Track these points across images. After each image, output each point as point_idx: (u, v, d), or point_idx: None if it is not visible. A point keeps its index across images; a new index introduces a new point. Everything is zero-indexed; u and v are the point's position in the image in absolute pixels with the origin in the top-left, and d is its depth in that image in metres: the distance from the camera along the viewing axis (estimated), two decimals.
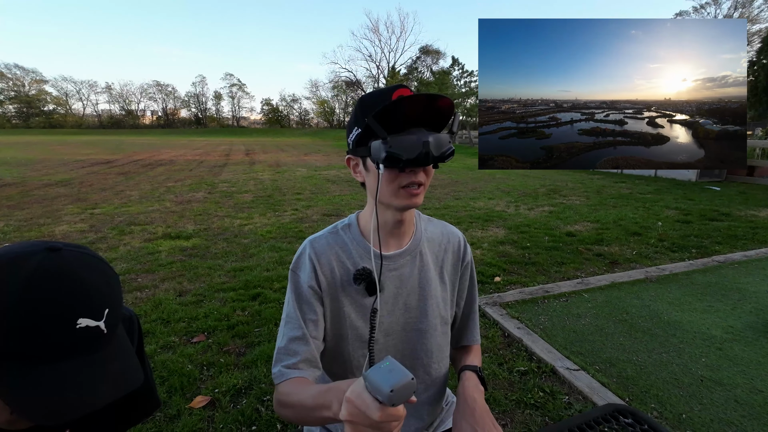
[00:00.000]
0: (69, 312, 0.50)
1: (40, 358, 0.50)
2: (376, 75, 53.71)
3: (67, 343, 0.51)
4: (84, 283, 0.52)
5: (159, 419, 1.80)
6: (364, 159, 0.79)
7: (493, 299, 2.99)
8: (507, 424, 1.79)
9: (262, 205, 6.62)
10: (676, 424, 1.75)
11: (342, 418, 0.50)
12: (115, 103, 66.65)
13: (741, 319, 2.66)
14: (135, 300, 3.04)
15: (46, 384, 0.50)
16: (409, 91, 0.73)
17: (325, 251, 0.84)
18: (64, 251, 0.54)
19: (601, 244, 4.41)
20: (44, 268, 0.51)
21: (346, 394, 0.50)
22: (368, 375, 0.47)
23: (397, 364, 0.48)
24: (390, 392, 0.44)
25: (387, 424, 0.48)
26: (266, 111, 67.30)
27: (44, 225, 5.20)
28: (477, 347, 1.01)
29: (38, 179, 9.32)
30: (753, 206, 6.33)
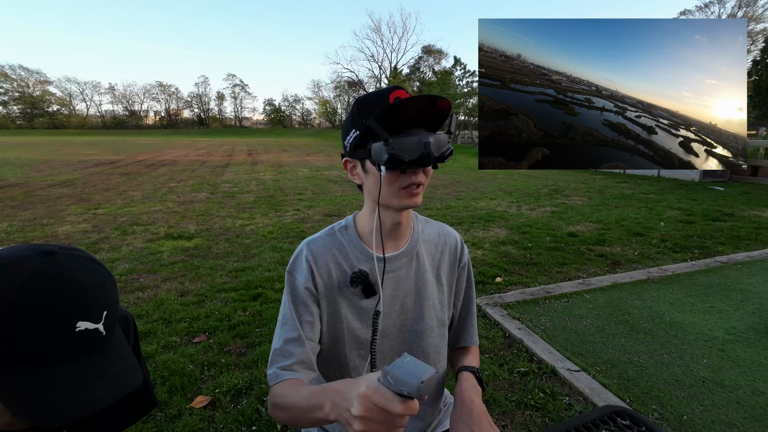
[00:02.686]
0: (68, 316, 0.50)
1: (40, 361, 0.50)
2: (379, 75, 53.73)
3: (66, 346, 0.51)
4: (81, 287, 0.52)
5: (160, 419, 1.81)
6: (362, 161, 0.79)
7: (494, 300, 2.98)
8: (507, 425, 1.79)
9: (263, 205, 6.63)
10: (677, 425, 1.74)
11: (355, 414, 0.50)
12: (119, 103, 67.13)
13: (743, 320, 2.64)
14: (137, 300, 3.05)
15: (46, 387, 0.50)
16: (405, 92, 0.73)
17: (323, 253, 0.85)
18: (58, 254, 0.54)
19: (603, 244, 4.39)
20: (40, 272, 0.51)
21: (360, 390, 0.50)
22: (391, 370, 0.48)
23: (416, 359, 0.49)
24: (420, 384, 0.46)
25: (403, 418, 0.49)
26: (268, 111, 67.50)
27: (47, 225, 5.23)
28: (475, 348, 1.01)
29: (42, 180, 9.37)
30: (757, 206, 6.29)
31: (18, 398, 0.49)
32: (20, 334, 0.48)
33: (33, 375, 0.50)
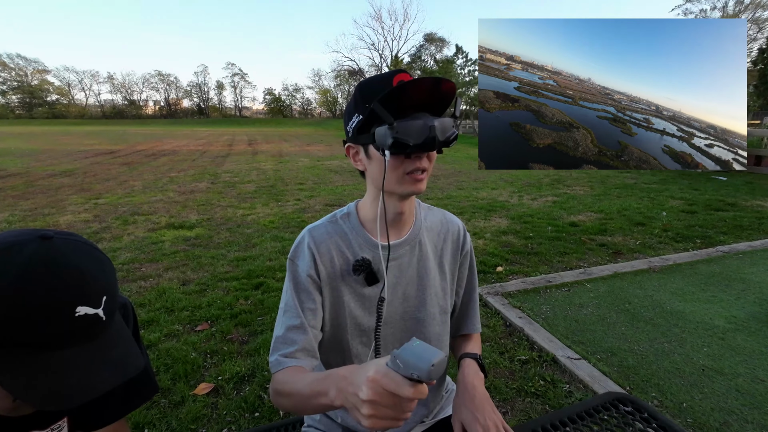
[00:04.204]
0: (67, 301, 0.50)
1: (41, 346, 0.50)
2: (379, 64, 53.14)
3: (66, 331, 0.51)
4: (80, 271, 0.52)
5: (163, 405, 1.83)
6: (365, 146, 0.78)
7: (495, 289, 2.99)
8: (508, 412, 1.81)
9: (264, 195, 6.62)
10: (677, 412, 1.76)
11: (364, 398, 0.50)
12: (118, 93, 66.54)
13: (744, 309, 2.65)
14: (139, 289, 3.06)
15: (47, 371, 0.50)
16: (408, 75, 0.72)
17: (325, 240, 0.84)
18: (56, 239, 0.53)
19: (605, 234, 4.39)
20: (39, 257, 0.50)
21: (369, 374, 0.50)
22: (400, 354, 0.48)
23: (426, 343, 0.49)
24: (431, 367, 0.46)
25: (412, 402, 0.49)
26: (269, 101, 66.96)
27: (49, 215, 5.24)
28: (477, 336, 1.01)
29: (42, 170, 9.35)
30: (759, 196, 6.26)
31: (18, 382, 0.49)
32: (19, 317, 0.48)
33: (33, 359, 0.50)
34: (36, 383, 0.49)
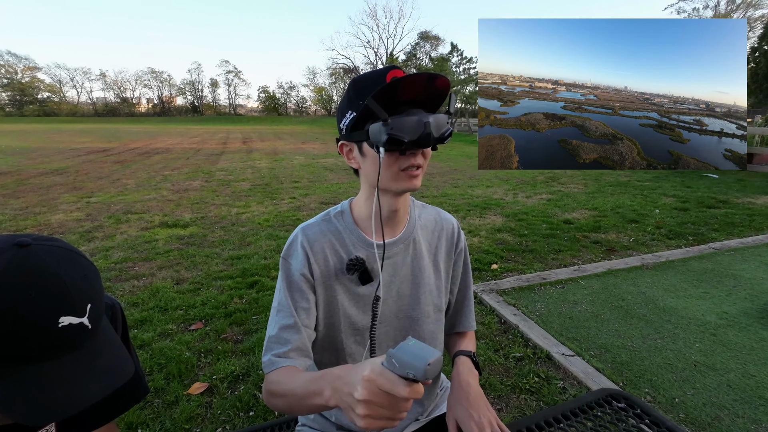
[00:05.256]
0: (49, 312, 0.48)
1: (23, 359, 0.48)
2: (374, 62, 53.02)
3: (50, 342, 0.49)
4: (62, 280, 0.50)
5: (157, 405, 1.81)
6: (359, 144, 0.77)
7: (490, 286, 3.00)
8: (502, 408, 1.81)
9: (259, 193, 6.59)
10: (669, 408, 1.77)
11: (359, 398, 0.49)
12: (110, 90, 65.68)
13: (735, 305, 2.68)
14: (132, 288, 3.04)
15: (32, 384, 0.48)
16: (401, 71, 0.71)
17: (318, 239, 0.83)
18: (34, 246, 0.50)
19: (599, 231, 4.42)
20: (16, 267, 0.48)
21: (364, 374, 0.49)
22: (396, 353, 0.48)
23: (421, 342, 0.49)
24: (427, 366, 0.46)
25: (407, 402, 0.48)
26: (263, 99, 66.52)
27: (40, 214, 5.17)
28: (471, 333, 1.01)
29: (34, 168, 9.24)
30: (750, 193, 6.33)
31: (3, 396, 0.47)
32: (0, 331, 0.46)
33: (17, 372, 0.48)
34: (19, 398, 0.47)
